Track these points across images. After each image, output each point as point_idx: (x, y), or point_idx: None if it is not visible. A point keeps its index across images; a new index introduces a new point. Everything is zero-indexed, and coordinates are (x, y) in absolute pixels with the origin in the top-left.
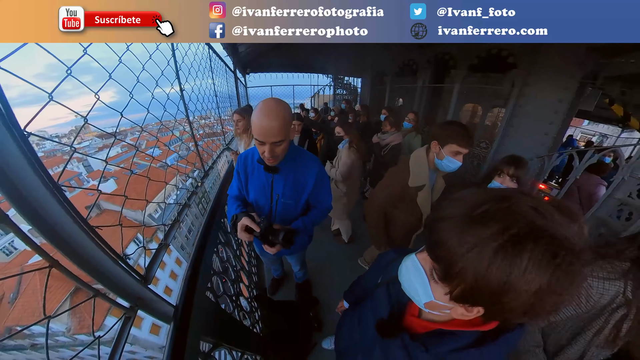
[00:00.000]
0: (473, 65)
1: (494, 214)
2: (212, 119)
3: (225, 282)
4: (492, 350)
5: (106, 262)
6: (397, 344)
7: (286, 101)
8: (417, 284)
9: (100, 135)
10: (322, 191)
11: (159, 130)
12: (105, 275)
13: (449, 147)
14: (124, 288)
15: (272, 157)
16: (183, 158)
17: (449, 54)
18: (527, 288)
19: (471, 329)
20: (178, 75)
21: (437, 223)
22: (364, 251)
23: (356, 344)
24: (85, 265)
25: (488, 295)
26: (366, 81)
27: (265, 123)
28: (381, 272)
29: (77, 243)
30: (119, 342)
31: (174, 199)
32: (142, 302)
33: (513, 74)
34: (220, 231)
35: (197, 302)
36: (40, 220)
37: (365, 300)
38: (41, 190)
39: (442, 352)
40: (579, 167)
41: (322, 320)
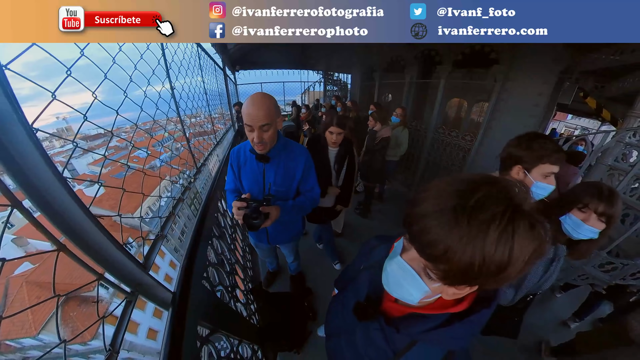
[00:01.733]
0: (458, 61)
1: (485, 201)
2: (202, 117)
3: (221, 273)
4: (459, 328)
5: (109, 248)
6: (375, 326)
7: (276, 98)
8: (409, 285)
9: (85, 137)
10: (310, 179)
11: (150, 129)
12: (109, 260)
13: (539, 170)
14: (125, 274)
15: (260, 143)
16: (176, 156)
17: (435, 50)
18: (523, 258)
19: (442, 311)
20: (168, 74)
21: (423, 221)
22: (342, 242)
23: (340, 326)
24: (90, 250)
25: (492, 274)
26: (356, 77)
27: (252, 109)
28: (364, 259)
29: (83, 230)
30: (121, 323)
31: (165, 200)
32: (141, 288)
33: (495, 69)
34: (215, 225)
35: (194, 289)
36: (50, 209)
37: (349, 285)
38: (52, 181)
39: (413, 332)
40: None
41: (317, 310)
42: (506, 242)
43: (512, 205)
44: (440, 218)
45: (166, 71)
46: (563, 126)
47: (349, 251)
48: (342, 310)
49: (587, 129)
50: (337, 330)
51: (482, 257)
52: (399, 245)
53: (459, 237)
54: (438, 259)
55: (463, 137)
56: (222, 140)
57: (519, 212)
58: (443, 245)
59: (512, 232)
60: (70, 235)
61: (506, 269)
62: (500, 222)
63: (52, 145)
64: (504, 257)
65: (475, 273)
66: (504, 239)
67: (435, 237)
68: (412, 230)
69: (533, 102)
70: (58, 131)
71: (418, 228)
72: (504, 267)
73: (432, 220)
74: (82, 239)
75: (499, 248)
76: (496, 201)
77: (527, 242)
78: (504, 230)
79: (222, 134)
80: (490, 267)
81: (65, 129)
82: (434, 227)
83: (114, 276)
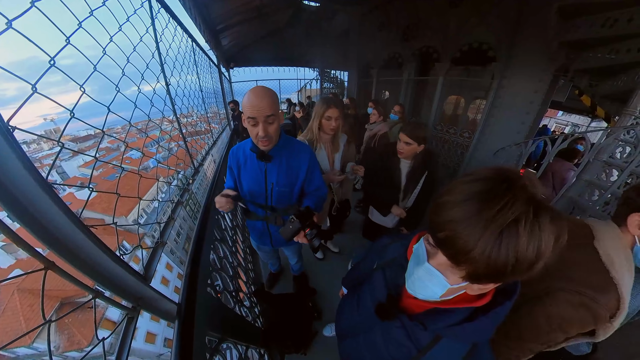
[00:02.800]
0: (456, 59)
1: (509, 203)
2: (195, 116)
3: (224, 277)
4: (484, 322)
5: (105, 261)
6: (397, 324)
7: None
8: (435, 287)
9: (74, 138)
10: (316, 178)
11: (143, 129)
12: (105, 275)
13: None
14: (125, 288)
15: (265, 137)
16: (172, 154)
17: (433, 47)
18: (549, 251)
19: (465, 305)
20: (163, 69)
21: (452, 227)
22: (344, 240)
23: (356, 325)
24: (83, 265)
25: (523, 271)
26: (353, 74)
27: (256, 100)
28: (376, 257)
29: (74, 243)
30: (124, 343)
31: (161, 203)
32: (143, 302)
33: (493, 67)
34: (215, 228)
35: (200, 298)
36: (33, 220)
37: (363, 284)
38: (34, 188)
39: (438, 328)
40: (551, 152)
41: (321, 309)
42: (535, 239)
43: (533, 202)
44: (469, 224)
45: (161, 66)
46: (554, 123)
47: (352, 247)
48: (357, 310)
49: (577, 125)
50: (352, 331)
51: (515, 258)
52: (422, 250)
53: (491, 243)
54: (469, 263)
55: (461, 134)
56: (217, 141)
57: (540, 208)
58: (475, 251)
59: (539, 228)
60: (58, 250)
61: (536, 264)
62: (527, 221)
63: (40, 147)
64: (534, 253)
65: (508, 273)
66: (533, 236)
67: (466, 244)
68: (440, 237)
69: (529, 99)
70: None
71: (446, 235)
72: (534, 262)
73: (461, 227)
74: (73, 254)
75: (530, 246)
76: (520, 199)
77: (551, 235)
78: (532, 228)
79: (217, 133)
80: (523, 265)
81: (53, 130)
82: (464, 234)
83: (112, 292)
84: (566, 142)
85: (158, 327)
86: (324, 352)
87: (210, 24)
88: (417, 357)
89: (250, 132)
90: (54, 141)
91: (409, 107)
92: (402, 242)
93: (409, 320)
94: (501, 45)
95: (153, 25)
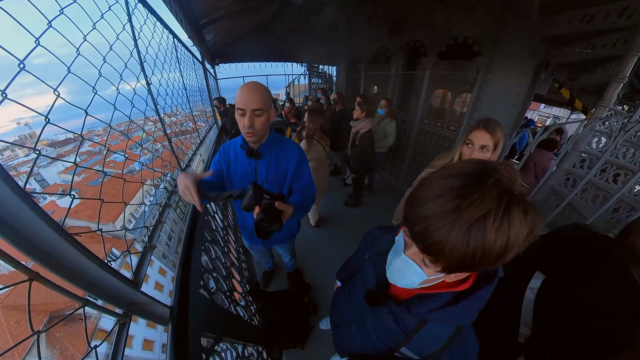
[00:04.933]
0: (442, 53)
1: (480, 198)
2: (180, 116)
3: (218, 278)
4: (467, 305)
5: (92, 269)
6: (385, 310)
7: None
8: (412, 275)
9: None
10: (304, 176)
11: (126, 130)
12: (94, 283)
13: None
14: (115, 294)
15: (251, 129)
16: (157, 157)
17: (420, 41)
18: (518, 243)
19: (447, 289)
20: (143, 67)
21: (426, 222)
22: (334, 233)
23: (349, 315)
24: (69, 274)
25: (492, 262)
26: (341, 69)
27: (247, 93)
28: (367, 249)
29: (58, 252)
30: (117, 349)
31: (149, 202)
32: (135, 307)
33: (478, 61)
34: (206, 229)
35: (193, 299)
36: (13, 231)
37: (355, 276)
38: (10, 197)
39: (423, 312)
40: (533, 143)
41: (317, 304)
42: (503, 234)
43: (505, 196)
44: (440, 220)
45: (140, 64)
46: (537, 115)
47: (341, 240)
48: (350, 301)
49: (558, 117)
50: (345, 322)
51: (482, 252)
52: (401, 241)
53: (460, 237)
54: (440, 256)
55: (448, 127)
56: (205, 139)
57: (512, 202)
58: (445, 245)
59: (507, 223)
60: (41, 259)
61: (504, 256)
62: (496, 217)
63: (16, 154)
64: (502, 247)
65: (476, 264)
66: (501, 232)
67: (437, 238)
68: (414, 230)
69: (513, 92)
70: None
71: (420, 229)
72: (502, 255)
73: (433, 222)
74: (57, 263)
75: (497, 241)
76: (490, 195)
77: (522, 228)
78: (500, 224)
79: (204, 132)
80: (490, 258)
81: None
82: (435, 229)
83: (101, 299)
84: (546, 133)
85: (155, 333)
86: (322, 345)
87: (192, 18)
88: (405, 341)
89: (239, 122)
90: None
91: (397, 101)
92: (392, 234)
93: (396, 305)
94: (486, 39)
95: (130, 21)
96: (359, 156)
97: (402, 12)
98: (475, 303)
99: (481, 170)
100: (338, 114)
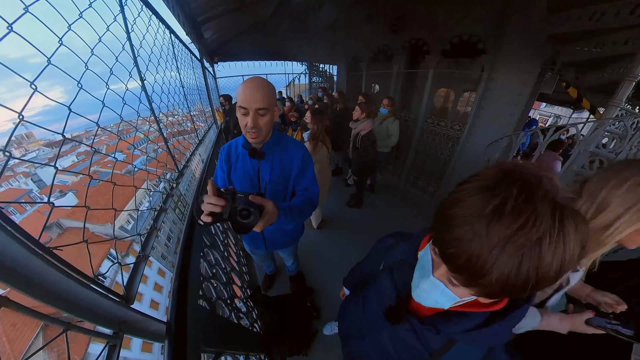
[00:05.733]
0: (445, 51)
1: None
2: (178, 116)
3: (217, 286)
4: (502, 325)
5: (74, 288)
6: (406, 327)
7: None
8: (441, 299)
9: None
10: (307, 177)
11: (124, 130)
12: (76, 303)
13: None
14: (103, 314)
15: (254, 129)
16: (153, 159)
17: (422, 39)
18: (572, 262)
19: (481, 309)
20: (136, 62)
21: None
22: (337, 234)
23: (362, 327)
24: (47, 296)
25: (548, 282)
26: (342, 68)
27: (249, 91)
28: (381, 257)
29: (31, 271)
30: None
31: (147, 206)
32: (126, 326)
33: (482, 59)
34: (205, 233)
35: (191, 313)
36: None
37: (367, 285)
38: None
39: (452, 332)
40: (543, 143)
41: (320, 308)
42: (559, 255)
43: (558, 212)
44: (481, 245)
45: (133, 59)
46: (537, 114)
47: (344, 242)
48: (363, 312)
49: (559, 116)
50: (358, 332)
51: (536, 278)
52: (427, 259)
53: (509, 264)
54: (482, 286)
55: (451, 127)
56: (204, 139)
57: (565, 217)
58: (489, 273)
59: (563, 242)
60: (11, 282)
61: (556, 279)
62: (552, 237)
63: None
64: (557, 270)
65: (527, 290)
66: (557, 253)
67: (478, 267)
68: (447, 253)
69: (517, 91)
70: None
71: (454, 252)
72: (555, 278)
73: (472, 248)
74: (32, 284)
75: (553, 264)
76: (543, 213)
77: (576, 245)
78: (556, 245)
79: (203, 132)
80: (544, 283)
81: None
82: (475, 256)
83: (87, 320)
84: (557, 133)
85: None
86: (325, 351)
87: (190, 14)
88: None
89: (240, 121)
90: (24, 147)
91: (399, 100)
92: (411, 242)
93: (420, 323)
94: (490, 37)
95: (122, 12)
96: (360, 158)
97: (402, 10)
98: (512, 322)
99: (520, 181)
100: (339, 113)
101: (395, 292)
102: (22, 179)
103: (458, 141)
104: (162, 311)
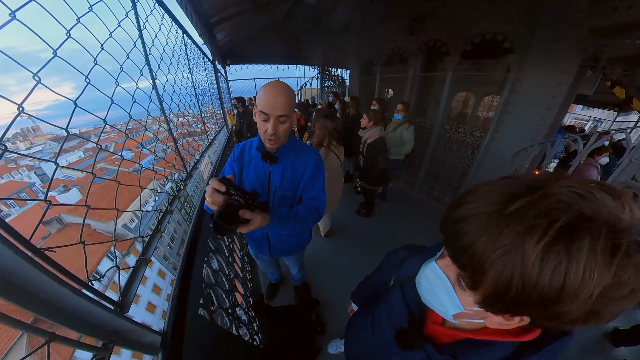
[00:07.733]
0: (466, 52)
1: (531, 205)
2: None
3: (219, 294)
4: None
5: (62, 293)
6: (421, 355)
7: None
8: (442, 294)
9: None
10: (316, 186)
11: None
12: (63, 310)
13: None
14: (92, 323)
15: (274, 136)
16: (161, 159)
17: (441, 40)
18: (588, 290)
19: (508, 339)
20: (148, 60)
21: (458, 225)
22: (345, 244)
23: (371, 350)
24: (32, 302)
25: (538, 303)
26: (354, 72)
27: (272, 96)
28: (392, 271)
29: (12, 273)
30: None
31: (152, 206)
32: (118, 337)
33: (509, 59)
34: (210, 238)
35: (190, 323)
36: None
37: (377, 301)
38: None
39: None
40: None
41: (325, 323)
42: (555, 265)
43: (574, 215)
44: (473, 222)
45: (145, 56)
46: (572, 118)
47: (353, 252)
48: (372, 332)
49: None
50: (367, 357)
51: (520, 281)
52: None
53: (493, 248)
54: (468, 267)
55: (471, 133)
56: (214, 142)
57: (586, 225)
58: (475, 254)
59: (565, 252)
60: None
61: (556, 303)
62: (542, 237)
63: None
64: (551, 285)
65: (513, 299)
66: (550, 260)
67: (466, 243)
68: (446, 234)
69: (551, 93)
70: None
71: (450, 232)
72: (552, 299)
73: (465, 224)
74: (11, 288)
75: (544, 272)
76: (548, 209)
77: (599, 267)
78: (548, 248)
79: (213, 134)
80: (532, 296)
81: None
82: (466, 232)
83: (74, 329)
84: (600, 141)
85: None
86: None
87: (203, 15)
88: None
89: (259, 127)
90: (30, 140)
91: (415, 104)
92: (425, 257)
93: (436, 351)
94: (518, 34)
95: (134, 8)
96: (367, 167)
97: (419, 9)
98: (548, 358)
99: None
100: (352, 119)
101: (407, 311)
102: (25, 172)
103: (478, 148)
104: (158, 315)
